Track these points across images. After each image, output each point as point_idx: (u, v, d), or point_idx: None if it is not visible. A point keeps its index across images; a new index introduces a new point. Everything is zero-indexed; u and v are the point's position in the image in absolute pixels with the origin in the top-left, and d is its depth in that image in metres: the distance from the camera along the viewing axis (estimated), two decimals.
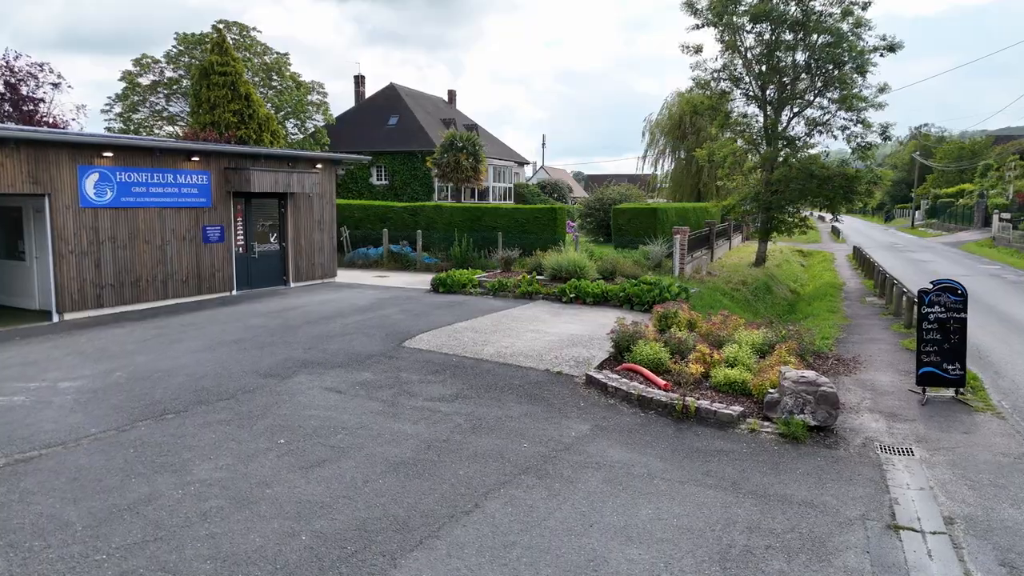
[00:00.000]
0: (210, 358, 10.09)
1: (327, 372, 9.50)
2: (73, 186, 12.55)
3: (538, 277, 16.80)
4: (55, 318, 12.48)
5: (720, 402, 8.33)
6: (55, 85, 30.92)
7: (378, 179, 42.65)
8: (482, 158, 34.04)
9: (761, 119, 24.27)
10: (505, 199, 45.55)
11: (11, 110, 29.40)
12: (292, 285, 17.42)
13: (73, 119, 31.92)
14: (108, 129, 36.24)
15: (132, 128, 37.30)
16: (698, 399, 8.32)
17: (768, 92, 23.85)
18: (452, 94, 54.74)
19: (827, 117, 23.51)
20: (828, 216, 27.19)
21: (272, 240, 17.08)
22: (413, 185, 41.45)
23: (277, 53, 39.43)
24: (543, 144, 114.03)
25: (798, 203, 23.95)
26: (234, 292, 15.89)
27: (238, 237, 16.08)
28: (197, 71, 31.08)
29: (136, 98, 37.86)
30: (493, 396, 8.64)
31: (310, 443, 7.00)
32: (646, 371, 9.25)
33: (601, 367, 9.88)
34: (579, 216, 34.79)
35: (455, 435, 7.30)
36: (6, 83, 29.46)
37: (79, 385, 8.75)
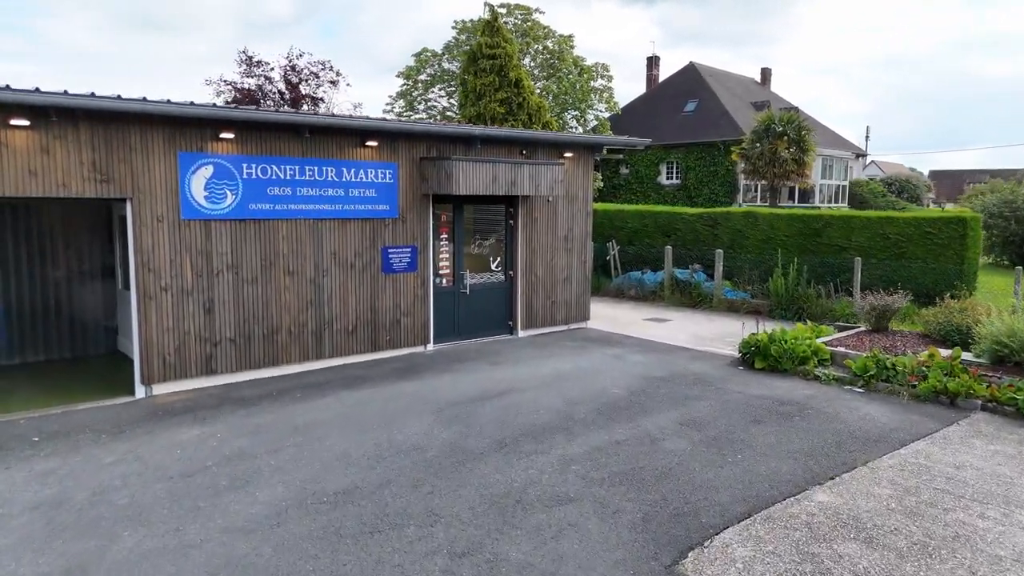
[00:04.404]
0: (248, 563, 4.47)
1: None
2: (171, 185, 8.04)
3: (963, 356, 8.67)
4: (139, 392, 8.08)
5: None
6: (333, 83, 29.74)
7: (667, 178, 35.69)
8: (809, 147, 25.28)
9: None
10: (835, 202, 35.42)
11: (291, 109, 28.72)
12: (520, 334, 11.58)
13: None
14: None
15: None
16: None
17: None
18: (766, 73, 45.18)
19: None
20: None
21: (494, 267, 11.41)
22: (711, 185, 33.70)
23: (560, 35, 34.70)
24: (866, 136, 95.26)
25: None
26: (429, 347, 10.50)
27: (441, 264, 10.67)
28: (465, 57, 27.56)
29: (416, 93, 36.06)
30: None
31: None
32: None
33: None
34: None
35: None
36: (287, 82, 28.86)
37: None
